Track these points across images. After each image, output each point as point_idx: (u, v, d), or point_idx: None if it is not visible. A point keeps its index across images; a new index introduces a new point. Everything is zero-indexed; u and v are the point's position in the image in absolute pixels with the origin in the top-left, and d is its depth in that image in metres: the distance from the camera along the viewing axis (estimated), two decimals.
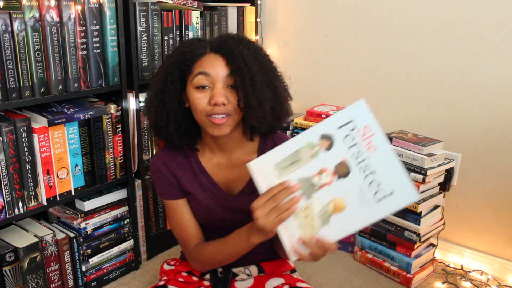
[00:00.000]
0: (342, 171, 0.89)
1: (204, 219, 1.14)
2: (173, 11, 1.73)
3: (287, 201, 0.88)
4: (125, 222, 1.71)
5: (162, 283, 1.17)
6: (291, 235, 0.90)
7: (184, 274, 1.20)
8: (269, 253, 1.22)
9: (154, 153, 1.78)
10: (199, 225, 1.16)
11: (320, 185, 0.89)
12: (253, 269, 1.20)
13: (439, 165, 1.64)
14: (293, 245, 0.89)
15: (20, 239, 1.45)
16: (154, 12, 1.63)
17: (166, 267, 1.26)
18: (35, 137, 1.36)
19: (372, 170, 0.87)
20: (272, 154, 0.93)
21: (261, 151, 1.11)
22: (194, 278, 1.19)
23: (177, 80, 1.02)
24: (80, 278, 1.60)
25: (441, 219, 1.77)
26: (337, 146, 0.89)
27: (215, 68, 0.99)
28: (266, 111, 1.01)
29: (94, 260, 1.62)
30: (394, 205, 0.85)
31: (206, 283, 1.18)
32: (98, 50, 1.48)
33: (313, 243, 0.89)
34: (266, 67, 1.04)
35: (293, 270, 1.25)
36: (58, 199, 1.47)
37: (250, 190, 1.09)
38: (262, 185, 0.92)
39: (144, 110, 1.13)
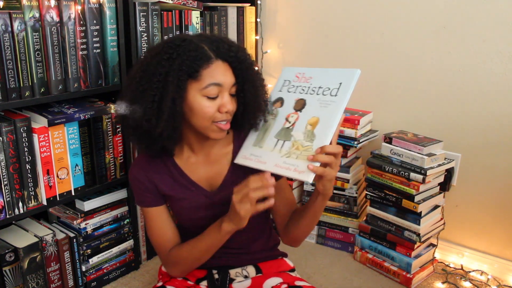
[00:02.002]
0: (300, 104, 1.06)
1: (187, 219, 1.15)
2: (173, 11, 1.73)
3: (258, 189, 0.93)
4: (125, 222, 1.71)
5: (160, 283, 1.17)
6: (296, 169, 0.97)
7: (180, 278, 1.20)
8: (266, 250, 1.22)
9: None
10: (179, 230, 1.17)
11: (292, 124, 1.05)
12: (251, 270, 1.20)
13: (439, 165, 1.64)
14: (302, 171, 0.95)
15: (20, 239, 1.45)
16: (154, 12, 1.63)
17: (164, 269, 1.26)
18: (35, 137, 1.36)
19: (317, 86, 1.05)
20: (247, 141, 1.10)
21: (236, 140, 1.13)
22: (190, 283, 1.19)
23: (186, 85, 0.98)
24: (80, 278, 1.60)
25: (441, 219, 1.77)
26: (286, 99, 1.10)
27: (226, 78, 1.01)
28: (262, 118, 1.10)
29: (94, 260, 1.62)
30: (348, 87, 1.00)
31: (203, 287, 1.18)
32: (98, 50, 1.48)
33: (319, 155, 0.94)
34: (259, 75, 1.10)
35: (292, 270, 1.24)
36: (58, 199, 1.47)
37: (229, 182, 1.11)
38: (257, 166, 1.04)
39: (134, 114, 1.00)
